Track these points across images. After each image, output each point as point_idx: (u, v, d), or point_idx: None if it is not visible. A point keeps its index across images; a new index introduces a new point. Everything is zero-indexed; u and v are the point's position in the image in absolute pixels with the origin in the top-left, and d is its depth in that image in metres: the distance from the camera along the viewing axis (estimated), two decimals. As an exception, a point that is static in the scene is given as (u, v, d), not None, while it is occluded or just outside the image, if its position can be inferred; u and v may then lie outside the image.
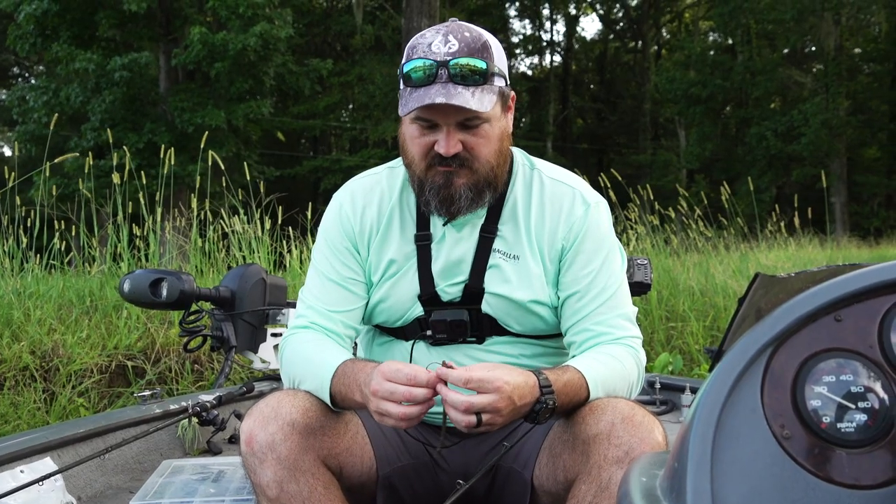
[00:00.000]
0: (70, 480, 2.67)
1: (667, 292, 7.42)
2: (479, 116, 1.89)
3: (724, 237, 9.78)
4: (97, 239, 6.53)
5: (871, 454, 1.02)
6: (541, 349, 2.10)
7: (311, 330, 2.05)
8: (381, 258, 2.08)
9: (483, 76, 1.87)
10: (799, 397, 1.06)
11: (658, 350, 6.40)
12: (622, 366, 1.93)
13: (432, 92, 1.84)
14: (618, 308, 2.02)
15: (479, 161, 1.94)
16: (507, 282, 2.02)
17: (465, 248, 2.04)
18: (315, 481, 1.82)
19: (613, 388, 1.89)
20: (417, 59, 1.87)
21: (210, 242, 6.79)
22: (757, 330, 1.10)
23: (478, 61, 1.86)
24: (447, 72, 1.84)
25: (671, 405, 3.93)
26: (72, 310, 5.54)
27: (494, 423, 1.67)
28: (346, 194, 2.17)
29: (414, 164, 1.98)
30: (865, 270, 1.10)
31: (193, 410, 3.02)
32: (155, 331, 5.37)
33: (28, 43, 18.24)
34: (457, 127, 1.89)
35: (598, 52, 43.90)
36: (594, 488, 1.73)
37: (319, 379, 1.89)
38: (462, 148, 1.91)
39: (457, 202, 1.95)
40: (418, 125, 1.93)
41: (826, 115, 28.22)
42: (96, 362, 4.94)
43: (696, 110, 32.13)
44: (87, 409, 4.68)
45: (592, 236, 2.05)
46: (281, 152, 30.00)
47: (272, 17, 18.69)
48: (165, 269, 4.58)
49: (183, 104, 18.84)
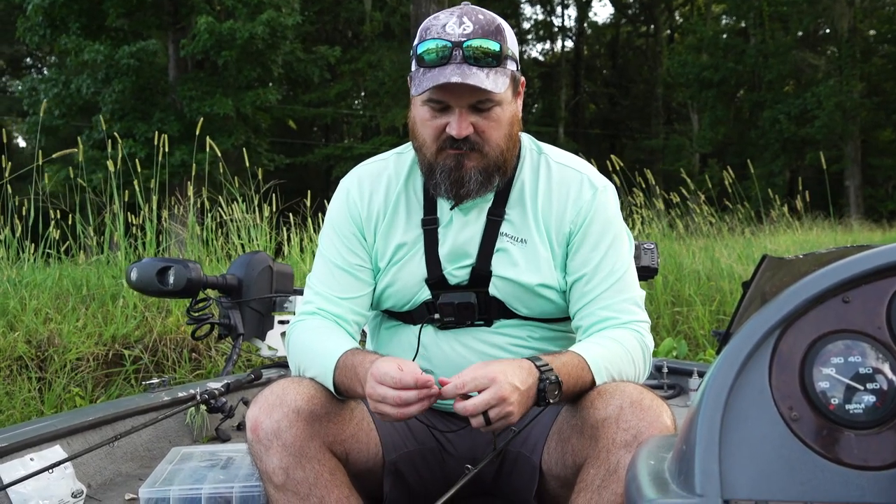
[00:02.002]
0: (80, 468, 2.68)
1: (672, 277, 7.39)
2: (492, 99, 1.89)
3: (728, 221, 9.70)
4: (93, 228, 6.50)
5: (880, 435, 1.02)
6: (549, 332, 2.10)
7: (318, 316, 2.05)
8: (388, 243, 2.08)
9: (497, 58, 1.87)
10: (807, 379, 1.06)
11: (663, 335, 6.38)
12: (625, 349, 1.92)
13: (447, 72, 1.84)
14: (625, 292, 2.01)
15: (490, 144, 1.93)
16: (514, 265, 2.02)
17: (472, 231, 2.04)
18: (321, 467, 1.83)
19: (619, 370, 1.88)
20: (431, 40, 1.87)
21: (208, 230, 6.78)
22: (765, 312, 1.10)
23: (492, 43, 1.87)
24: (462, 53, 1.84)
25: (679, 389, 3.93)
26: (68, 299, 5.54)
27: (507, 413, 1.66)
28: (353, 180, 2.17)
29: (425, 146, 1.98)
30: (873, 252, 1.10)
31: (202, 398, 3.03)
32: (152, 319, 5.36)
33: (37, 35, 18.25)
34: (469, 109, 1.89)
35: (610, 36, 43.71)
36: (602, 472, 1.73)
37: (323, 368, 1.89)
38: (473, 131, 1.91)
39: (466, 185, 1.96)
40: (430, 108, 1.92)
41: (840, 98, 28.02)
42: (92, 351, 4.93)
43: (709, 94, 31.96)
44: (83, 399, 4.68)
45: (600, 220, 2.04)
46: (293, 140, 30.02)
47: (279, 5, 18.65)
48: (173, 257, 4.59)
49: (191, 93, 18.86)
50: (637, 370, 1.94)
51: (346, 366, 1.86)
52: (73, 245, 6.55)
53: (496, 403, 1.64)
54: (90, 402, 4.69)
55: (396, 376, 1.68)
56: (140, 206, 6.53)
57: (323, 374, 1.89)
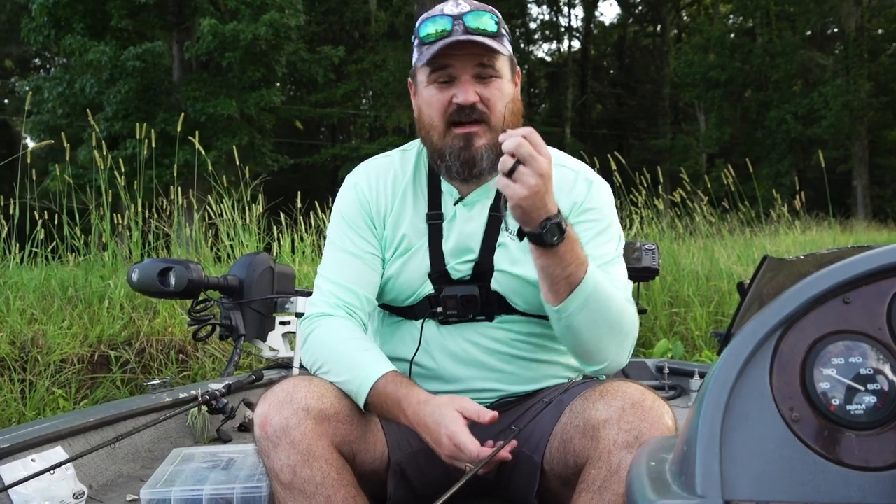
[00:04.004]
0: (81, 469, 2.68)
1: (671, 277, 7.36)
2: (494, 67, 1.96)
3: (729, 221, 9.65)
4: (80, 228, 6.45)
5: (880, 436, 1.03)
6: (549, 328, 2.09)
7: (338, 315, 2.05)
8: (395, 234, 2.11)
9: (495, 33, 1.96)
10: (808, 380, 1.06)
11: (660, 336, 6.35)
12: (620, 299, 1.92)
13: (451, 39, 1.91)
14: (613, 274, 2.02)
15: (496, 115, 1.97)
16: (515, 260, 2.04)
17: (475, 226, 2.07)
18: (328, 467, 1.82)
19: (610, 297, 1.88)
20: (430, 20, 1.97)
21: (196, 231, 6.72)
22: (765, 313, 1.10)
23: (491, 17, 1.96)
24: (462, 24, 1.93)
25: (680, 390, 3.94)
26: (54, 299, 5.50)
27: (526, 181, 1.67)
28: (360, 174, 2.20)
29: (433, 128, 2.01)
30: (873, 252, 1.10)
31: (203, 399, 3.03)
32: (139, 320, 5.31)
33: (42, 35, 18.34)
34: (473, 79, 1.95)
35: (616, 36, 43.75)
36: (604, 473, 1.73)
37: (356, 384, 1.89)
38: (479, 100, 1.95)
39: (479, 163, 1.99)
40: (435, 85, 1.98)
41: (847, 98, 27.96)
42: (77, 352, 4.89)
43: (715, 94, 31.94)
44: (66, 401, 4.64)
45: (594, 207, 2.08)
46: (300, 141, 30.06)
47: (283, 6, 18.69)
48: (174, 258, 4.57)
49: (195, 94, 18.94)
50: (620, 319, 1.92)
51: (386, 393, 1.86)
52: (59, 245, 6.48)
53: (531, 166, 1.67)
54: (74, 404, 4.65)
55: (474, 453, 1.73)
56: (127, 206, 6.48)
57: (355, 389, 1.89)
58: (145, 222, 6.59)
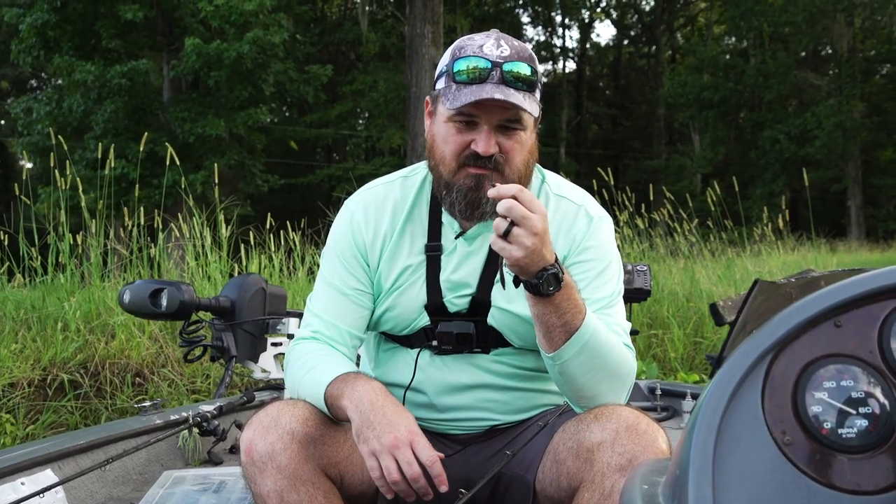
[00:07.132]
0: (71, 492, 2.65)
1: (651, 298, 7.30)
2: (520, 121, 1.91)
3: (713, 240, 9.60)
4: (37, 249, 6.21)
5: (873, 459, 1.01)
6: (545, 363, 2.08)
7: (316, 341, 2.05)
8: (392, 268, 2.08)
9: (531, 85, 1.90)
10: (800, 403, 1.05)
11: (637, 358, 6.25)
12: (617, 345, 1.91)
13: (486, 89, 1.85)
14: (612, 316, 2.00)
15: (511, 167, 1.94)
16: (511, 297, 2.01)
17: (475, 261, 2.05)
18: (315, 490, 1.82)
19: (606, 343, 1.86)
20: (470, 58, 1.89)
21: (160, 251, 6.55)
22: (757, 336, 1.09)
23: (529, 68, 1.89)
24: (500, 73, 1.86)
25: (672, 411, 3.92)
26: (6, 322, 5.35)
27: (521, 243, 1.68)
28: (357, 204, 2.16)
29: (444, 163, 1.97)
30: (864, 276, 1.10)
31: (194, 421, 3.01)
32: (95, 342, 5.17)
33: (31, 56, 18.31)
34: (496, 129, 1.90)
35: (612, 57, 43.95)
36: (597, 496, 1.73)
37: (316, 386, 1.89)
38: (499, 150, 1.91)
39: (483, 206, 1.96)
40: (455, 124, 1.93)
41: (840, 118, 28.11)
42: (27, 376, 4.76)
43: (709, 114, 32.09)
44: (14, 426, 4.49)
45: (593, 246, 2.05)
46: (295, 161, 30.08)
47: (267, 24, 18.67)
48: (166, 279, 4.54)
49: (183, 114, 18.90)
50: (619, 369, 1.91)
51: (337, 388, 1.85)
52: (14, 267, 6.31)
53: (524, 226, 1.67)
54: (22, 429, 4.51)
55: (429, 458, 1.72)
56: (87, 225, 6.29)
57: (315, 394, 1.88)
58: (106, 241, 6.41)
